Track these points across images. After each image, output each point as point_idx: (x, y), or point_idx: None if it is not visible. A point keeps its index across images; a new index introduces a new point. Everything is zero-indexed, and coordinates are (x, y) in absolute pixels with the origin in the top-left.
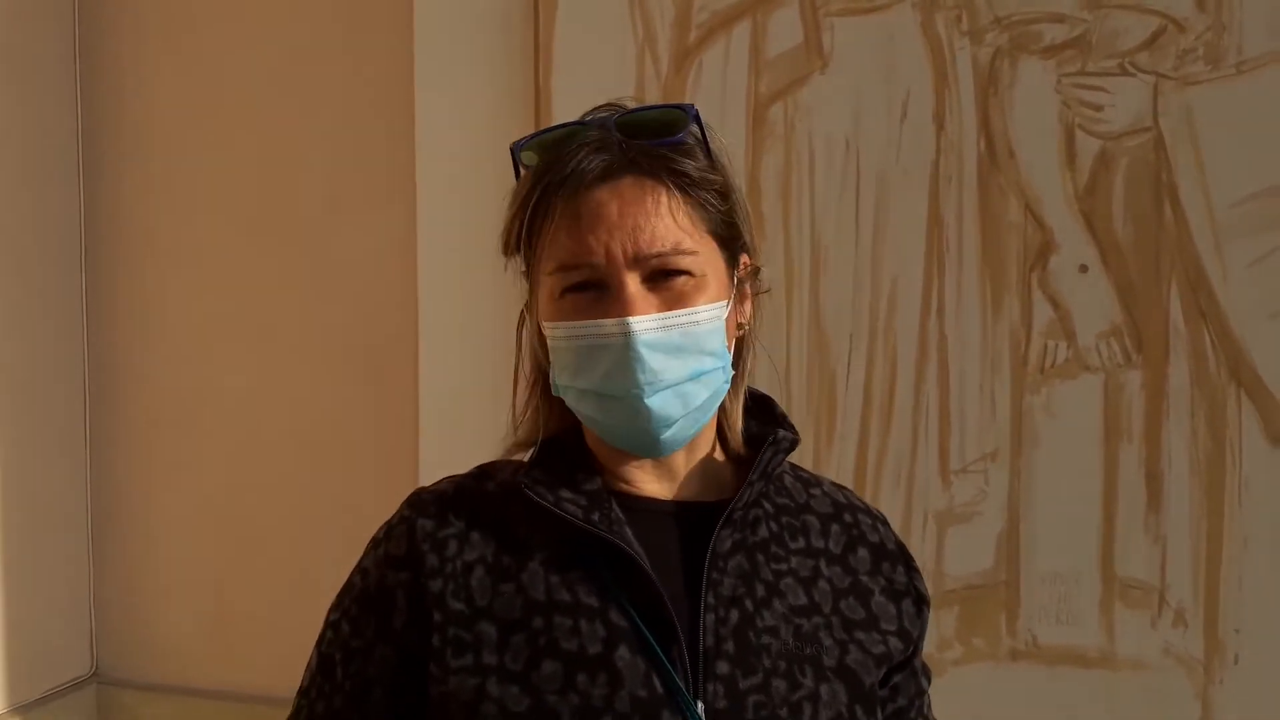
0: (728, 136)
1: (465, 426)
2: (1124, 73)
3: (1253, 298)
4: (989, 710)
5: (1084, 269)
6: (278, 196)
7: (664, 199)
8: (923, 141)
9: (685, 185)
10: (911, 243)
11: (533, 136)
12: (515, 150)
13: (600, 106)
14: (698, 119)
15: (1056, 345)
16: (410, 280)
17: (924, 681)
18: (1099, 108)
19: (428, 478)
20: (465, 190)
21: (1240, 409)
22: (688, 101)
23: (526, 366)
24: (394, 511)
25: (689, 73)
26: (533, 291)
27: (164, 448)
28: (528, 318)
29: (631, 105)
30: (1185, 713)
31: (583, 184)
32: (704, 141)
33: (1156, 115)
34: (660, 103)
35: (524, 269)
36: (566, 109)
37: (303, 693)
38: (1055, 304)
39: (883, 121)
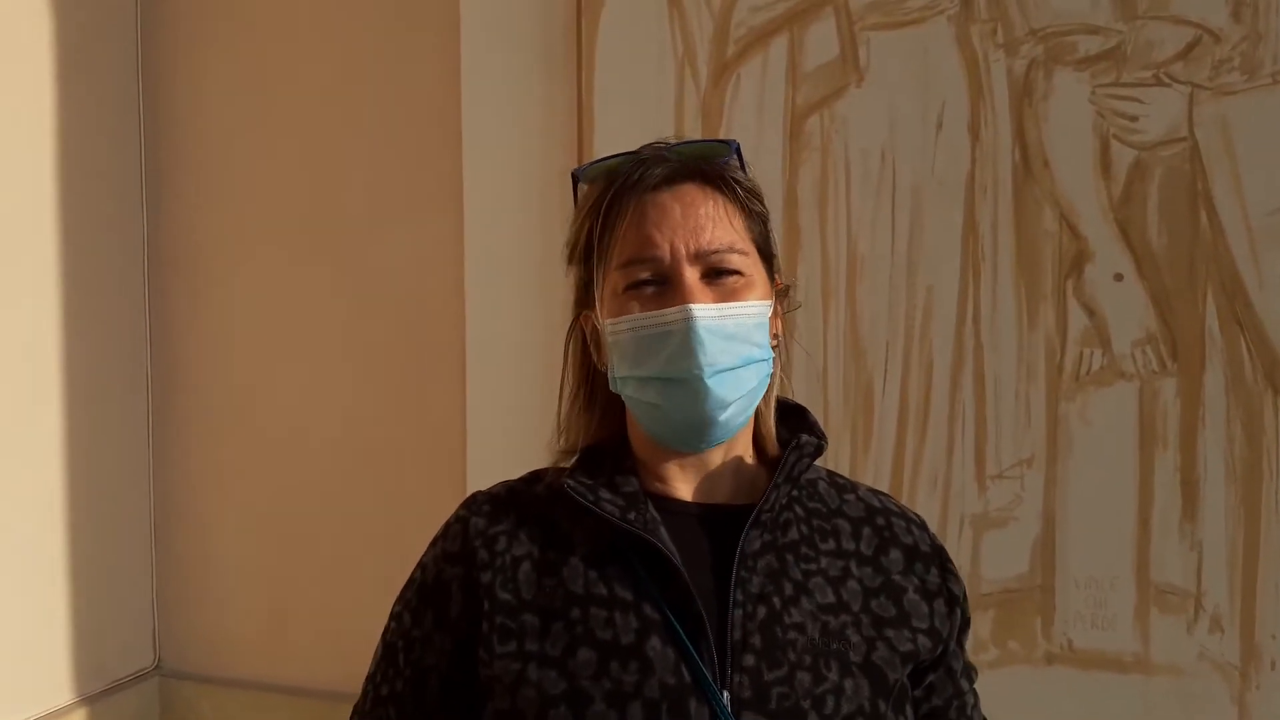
0: (766, 148)
1: (511, 430)
2: (1159, 83)
3: None
4: (1024, 713)
5: (1119, 277)
6: (329, 206)
7: (722, 204)
8: (958, 152)
9: (740, 195)
10: (947, 252)
11: (592, 163)
12: (576, 176)
13: (645, 146)
14: (739, 152)
15: (1092, 353)
16: (458, 288)
17: (964, 683)
18: (1134, 118)
19: (475, 480)
20: (511, 199)
21: (1277, 416)
22: (727, 110)
23: (570, 378)
24: (451, 512)
25: (727, 85)
26: (594, 294)
27: (222, 451)
28: (583, 325)
29: (674, 142)
30: (1221, 718)
31: (650, 187)
32: (744, 172)
33: (1192, 125)
34: (705, 138)
35: (584, 277)
36: (609, 121)
37: (369, 678)
38: (1090, 312)
39: (918, 133)
